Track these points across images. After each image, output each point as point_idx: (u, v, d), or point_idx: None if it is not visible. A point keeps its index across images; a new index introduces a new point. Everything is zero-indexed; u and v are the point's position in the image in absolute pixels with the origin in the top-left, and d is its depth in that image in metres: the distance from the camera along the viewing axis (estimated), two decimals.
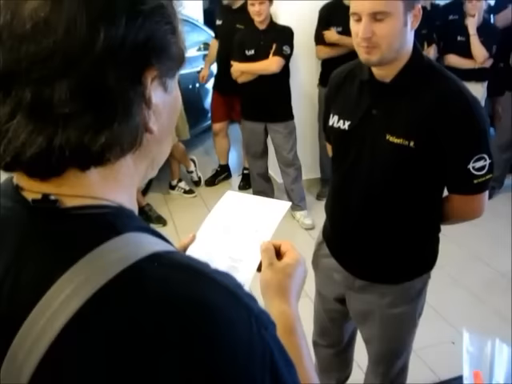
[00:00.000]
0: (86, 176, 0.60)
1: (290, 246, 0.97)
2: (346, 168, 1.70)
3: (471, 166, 1.50)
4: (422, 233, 1.70)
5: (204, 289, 0.57)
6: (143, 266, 0.56)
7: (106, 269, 0.55)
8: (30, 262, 0.59)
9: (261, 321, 0.59)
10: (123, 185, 0.65)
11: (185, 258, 0.63)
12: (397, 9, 1.43)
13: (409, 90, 1.54)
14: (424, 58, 1.58)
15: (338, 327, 2.05)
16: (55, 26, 0.52)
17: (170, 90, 0.65)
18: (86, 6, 0.53)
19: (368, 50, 1.47)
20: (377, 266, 1.73)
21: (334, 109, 1.73)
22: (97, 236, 0.58)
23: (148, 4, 0.57)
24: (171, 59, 0.62)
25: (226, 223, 1.05)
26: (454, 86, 1.52)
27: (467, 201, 1.60)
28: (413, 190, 1.60)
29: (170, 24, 0.61)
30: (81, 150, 0.56)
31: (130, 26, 0.55)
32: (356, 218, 1.70)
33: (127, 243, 0.58)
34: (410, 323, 1.83)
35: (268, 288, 0.91)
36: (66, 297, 0.54)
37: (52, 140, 0.55)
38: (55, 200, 0.59)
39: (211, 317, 0.55)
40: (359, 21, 1.47)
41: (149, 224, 2.77)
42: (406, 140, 1.50)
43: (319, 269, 1.97)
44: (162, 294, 0.55)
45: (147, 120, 0.61)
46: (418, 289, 1.76)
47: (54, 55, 0.52)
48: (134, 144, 0.61)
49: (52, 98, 0.53)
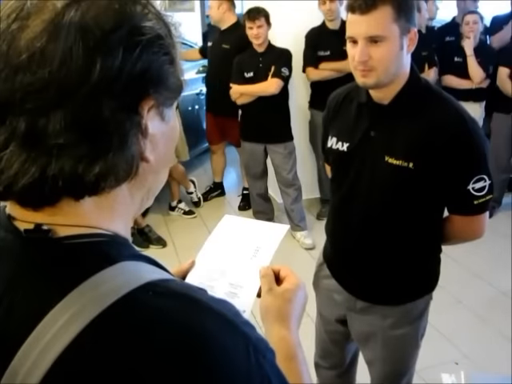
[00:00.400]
0: (80, 205, 0.59)
1: (290, 271, 0.96)
2: (345, 189, 1.70)
3: (471, 186, 1.50)
4: (422, 253, 1.70)
5: (200, 317, 0.56)
6: (137, 295, 0.55)
7: (99, 299, 0.54)
8: (23, 293, 0.58)
9: (259, 349, 0.58)
10: (118, 214, 0.64)
11: (181, 286, 0.62)
12: (392, 33, 1.45)
13: (407, 111, 1.55)
14: (421, 80, 1.59)
15: (339, 349, 2.04)
16: (51, 56, 0.52)
17: (168, 119, 0.64)
18: (82, 37, 0.53)
19: (364, 73, 1.49)
20: (378, 288, 1.73)
21: (332, 131, 1.74)
22: (90, 266, 0.57)
23: (146, 35, 0.57)
24: (168, 89, 0.62)
25: (225, 248, 1.04)
26: (451, 107, 1.53)
27: (468, 221, 1.61)
28: (412, 211, 1.60)
29: (168, 54, 0.61)
30: (74, 180, 0.55)
31: (127, 57, 0.55)
32: (356, 239, 1.70)
33: (121, 272, 0.57)
34: (412, 344, 1.81)
35: (268, 314, 0.91)
36: (59, 329, 0.53)
37: (45, 170, 0.54)
38: (48, 230, 0.58)
39: (207, 346, 0.54)
40: (355, 44, 1.49)
41: (148, 245, 2.79)
42: (405, 161, 1.51)
43: (320, 290, 1.96)
44: (157, 324, 0.54)
45: (143, 149, 0.60)
46: (420, 310, 1.75)
47: (49, 86, 0.52)
48: (130, 173, 0.60)
49: (46, 129, 0.53)
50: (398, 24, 1.45)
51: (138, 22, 0.57)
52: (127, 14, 0.57)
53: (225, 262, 1.01)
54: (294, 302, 0.91)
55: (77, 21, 0.53)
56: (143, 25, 0.57)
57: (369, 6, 1.42)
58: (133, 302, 0.55)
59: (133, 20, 0.57)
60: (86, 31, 0.53)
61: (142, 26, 0.57)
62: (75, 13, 0.54)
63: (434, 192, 1.56)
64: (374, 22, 1.44)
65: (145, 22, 0.58)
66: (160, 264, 0.65)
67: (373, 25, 1.44)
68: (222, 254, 1.03)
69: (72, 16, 0.53)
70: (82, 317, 0.53)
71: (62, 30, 0.53)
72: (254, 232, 1.06)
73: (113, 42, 0.54)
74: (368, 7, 1.42)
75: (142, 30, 0.57)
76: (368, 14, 1.43)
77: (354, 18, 1.47)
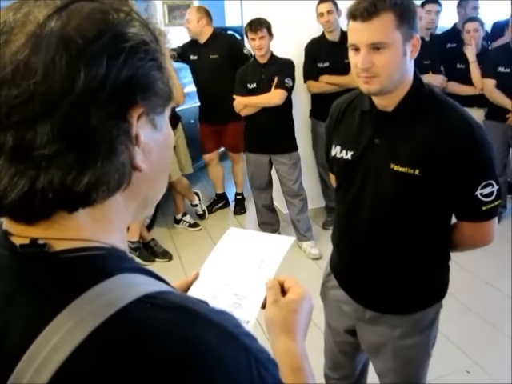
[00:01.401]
0: (74, 218, 0.59)
1: (294, 281, 0.96)
2: (350, 198, 1.69)
3: (479, 192, 1.49)
4: (431, 261, 1.68)
5: (199, 329, 0.55)
6: (135, 308, 0.54)
7: (96, 313, 0.53)
8: (20, 309, 0.57)
9: (260, 361, 0.57)
10: (114, 225, 0.63)
11: (179, 298, 0.61)
12: (395, 39, 1.44)
13: (411, 118, 1.54)
14: (425, 87, 1.58)
15: (349, 359, 2.01)
16: (35, 68, 0.52)
17: (160, 127, 0.64)
18: (64, 47, 0.53)
19: (367, 79, 1.48)
20: (387, 297, 1.71)
21: (335, 139, 1.73)
22: (86, 280, 0.56)
23: (130, 41, 0.57)
24: (157, 96, 0.61)
25: (230, 259, 1.04)
26: (457, 113, 1.52)
27: (476, 228, 1.59)
28: (420, 219, 1.59)
29: (155, 60, 0.60)
30: (64, 192, 0.55)
31: (112, 65, 0.55)
32: (363, 248, 1.68)
33: (118, 285, 0.57)
34: (423, 354, 1.79)
35: (273, 325, 0.90)
36: (55, 344, 0.52)
37: (34, 183, 0.54)
38: (43, 244, 0.58)
39: (206, 358, 0.53)
40: (358, 51, 1.48)
41: (154, 259, 2.78)
42: (411, 168, 1.50)
43: (328, 301, 1.94)
44: (154, 337, 0.53)
45: (134, 158, 0.59)
46: (430, 319, 1.72)
47: (34, 98, 0.52)
48: (122, 183, 0.59)
49: (34, 141, 0.53)
50: (401, 30, 1.44)
51: (122, 29, 0.57)
52: (110, 22, 0.57)
53: (229, 273, 1.01)
54: (299, 313, 0.91)
55: (58, 31, 0.53)
56: (127, 31, 0.57)
57: (370, 13, 1.42)
58: (130, 315, 0.54)
59: (116, 27, 0.57)
60: (68, 41, 0.53)
61: (126, 33, 0.57)
62: (56, 23, 0.54)
63: (441, 199, 1.54)
64: (376, 29, 1.43)
65: (128, 28, 0.58)
66: (160, 276, 0.64)
67: (375, 32, 1.43)
68: (226, 265, 1.03)
69: (53, 27, 0.53)
70: (78, 331, 0.52)
71: (44, 41, 0.52)
72: (259, 244, 1.06)
73: (96, 51, 0.54)
74: (370, 14, 1.42)
75: (126, 36, 0.57)
76: (370, 21, 1.43)
77: (356, 25, 1.46)
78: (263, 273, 0.98)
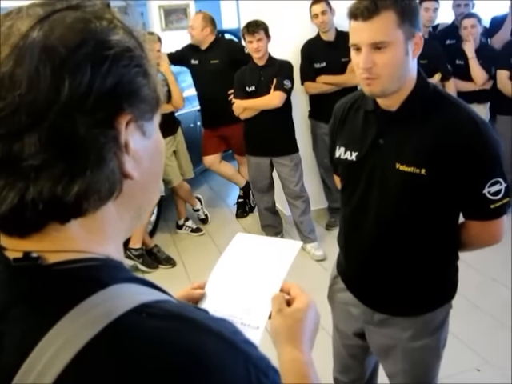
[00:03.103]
0: (67, 229, 0.58)
1: (300, 290, 0.95)
2: (356, 199, 1.67)
3: (487, 190, 1.47)
4: (439, 261, 1.66)
5: (195, 337, 0.55)
6: (130, 318, 0.54)
7: (91, 324, 0.53)
8: (14, 323, 0.57)
9: (260, 368, 0.57)
10: (108, 235, 0.63)
11: (176, 306, 0.60)
12: (397, 38, 1.42)
13: (416, 117, 1.52)
14: (429, 85, 1.56)
15: (359, 363, 1.99)
16: (19, 79, 0.52)
17: (149, 134, 0.63)
18: (47, 57, 0.53)
19: (369, 81, 1.46)
20: (395, 299, 1.69)
21: (339, 140, 1.72)
22: (81, 291, 0.56)
23: (113, 48, 0.57)
24: (144, 102, 0.60)
25: (238, 266, 1.04)
26: (463, 110, 1.51)
27: (485, 226, 1.57)
28: (427, 219, 1.57)
29: (140, 67, 0.59)
30: (55, 203, 0.54)
31: (96, 73, 0.54)
32: (370, 249, 1.66)
33: (113, 295, 0.56)
34: (434, 356, 1.77)
35: (278, 335, 0.90)
36: (51, 357, 0.52)
37: (24, 195, 0.53)
38: (37, 257, 0.57)
39: (205, 366, 0.53)
40: (359, 51, 1.46)
41: (158, 266, 2.78)
42: (417, 168, 1.48)
43: (335, 304, 1.92)
44: (150, 347, 0.53)
45: (124, 165, 0.59)
46: (440, 319, 1.70)
47: (19, 109, 0.52)
48: (113, 191, 0.59)
49: (22, 152, 0.52)
50: (403, 29, 1.42)
51: (105, 37, 0.57)
52: (92, 30, 0.57)
53: (238, 279, 1.01)
54: (304, 322, 0.90)
55: (40, 41, 0.53)
56: (110, 39, 0.57)
57: (371, 12, 1.40)
58: (125, 325, 0.54)
59: (98, 35, 0.57)
60: (51, 51, 0.53)
61: (109, 40, 0.57)
62: (38, 33, 0.54)
63: (448, 198, 1.52)
64: (377, 28, 1.41)
65: (112, 35, 0.58)
66: (156, 286, 0.63)
67: (376, 31, 1.41)
68: (235, 271, 1.03)
69: (35, 37, 0.53)
70: (73, 343, 0.52)
71: (27, 52, 0.52)
72: (267, 249, 1.06)
73: (79, 59, 0.54)
74: (370, 13, 1.40)
75: (109, 43, 0.57)
76: (371, 20, 1.41)
77: (357, 24, 1.44)
78: (272, 278, 0.98)
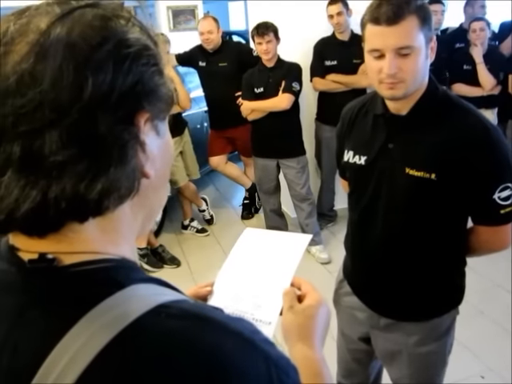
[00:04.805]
0: (84, 230, 0.58)
1: (311, 286, 0.95)
2: (364, 203, 1.66)
3: (497, 196, 1.46)
4: (447, 267, 1.65)
5: (215, 337, 0.54)
6: (149, 318, 0.54)
7: (109, 326, 0.52)
8: (30, 326, 0.56)
9: (281, 367, 0.56)
10: (123, 236, 0.63)
11: (194, 306, 0.60)
12: (420, 42, 1.41)
13: (426, 121, 1.51)
14: (439, 89, 1.55)
15: (363, 367, 1.99)
16: (41, 76, 0.52)
17: (162, 133, 0.64)
18: (71, 54, 0.53)
19: (392, 85, 1.44)
20: (402, 304, 1.68)
21: (348, 144, 1.71)
22: (98, 293, 0.55)
23: (133, 47, 0.57)
24: (161, 101, 0.61)
25: (248, 261, 1.04)
26: (473, 115, 1.50)
27: (494, 232, 1.56)
28: (435, 224, 1.56)
29: (157, 65, 0.60)
30: (77, 200, 0.54)
31: (118, 71, 0.55)
32: (378, 254, 1.65)
33: (131, 296, 0.56)
34: (439, 362, 1.76)
35: (290, 332, 0.89)
36: (69, 360, 0.51)
37: (46, 193, 0.53)
38: (53, 259, 0.57)
39: (226, 367, 0.52)
40: (380, 58, 1.43)
41: (163, 265, 2.79)
42: (426, 173, 1.47)
43: (341, 308, 1.91)
44: (171, 347, 0.52)
45: (143, 164, 0.59)
46: (447, 325, 1.70)
47: (42, 106, 0.51)
48: (132, 189, 0.59)
49: (43, 150, 0.52)
50: (423, 33, 1.41)
51: (124, 35, 0.57)
52: (112, 28, 0.57)
53: (248, 274, 1.01)
54: (316, 319, 0.90)
55: (63, 38, 0.53)
56: (129, 37, 0.57)
57: (397, 16, 1.37)
58: (145, 326, 0.53)
59: (119, 33, 0.57)
60: (74, 47, 0.53)
61: (128, 39, 0.57)
62: (61, 30, 0.54)
63: (457, 203, 1.52)
64: (402, 33, 1.39)
65: (130, 34, 0.58)
66: (172, 285, 0.63)
67: (401, 36, 1.39)
68: (245, 266, 1.03)
69: (58, 34, 0.53)
70: (92, 346, 0.51)
71: (50, 49, 0.52)
72: (277, 243, 1.06)
73: (102, 57, 0.54)
74: (396, 18, 1.37)
75: (129, 42, 0.57)
76: (396, 25, 1.38)
77: (379, 29, 1.41)
78: (282, 272, 0.98)
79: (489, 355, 2.88)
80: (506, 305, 3.38)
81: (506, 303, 3.40)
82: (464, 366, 2.76)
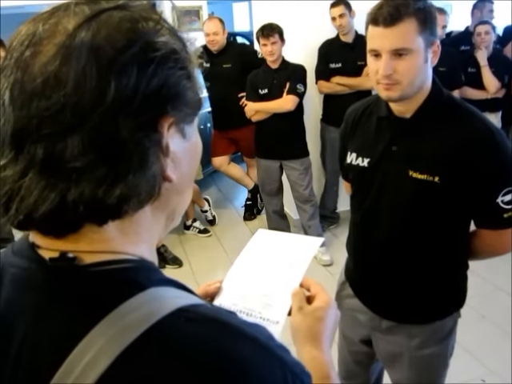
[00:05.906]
0: (103, 230, 0.58)
1: (320, 288, 0.95)
2: (367, 206, 1.66)
3: (500, 199, 1.46)
4: (449, 270, 1.65)
5: (233, 343, 0.54)
6: (168, 323, 0.53)
7: (129, 328, 0.52)
8: (50, 325, 0.56)
9: (296, 373, 0.56)
10: (143, 237, 0.62)
11: (211, 310, 0.60)
12: (418, 45, 1.41)
13: (430, 125, 1.51)
14: (444, 93, 1.56)
15: (364, 370, 1.99)
16: (65, 79, 0.51)
17: (189, 136, 0.62)
18: (95, 57, 0.52)
19: (388, 86, 1.45)
20: (404, 306, 1.68)
21: (351, 146, 1.71)
22: (119, 293, 0.55)
23: (160, 50, 0.56)
24: (187, 105, 0.60)
25: (258, 261, 1.04)
26: (477, 119, 1.50)
27: (497, 236, 1.56)
28: (438, 226, 1.56)
29: (185, 69, 0.59)
30: (95, 205, 0.54)
31: (142, 75, 0.54)
32: (380, 256, 1.65)
33: (151, 299, 0.56)
34: (441, 365, 1.76)
35: (298, 333, 0.89)
36: (89, 362, 0.51)
37: (65, 195, 0.53)
38: (73, 258, 0.57)
39: (243, 373, 0.52)
40: (378, 57, 1.45)
41: (164, 265, 2.79)
42: (430, 176, 1.47)
43: (342, 310, 1.91)
44: (190, 353, 0.52)
45: (165, 168, 0.58)
46: (448, 328, 1.70)
47: (64, 109, 0.51)
48: (152, 194, 0.58)
49: (64, 153, 0.52)
50: (423, 36, 1.41)
51: (152, 38, 0.56)
52: (139, 31, 0.56)
53: (258, 274, 1.01)
54: (325, 321, 0.89)
55: (88, 41, 0.53)
56: (157, 40, 0.56)
57: (394, 18, 1.38)
58: (165, 330, 0.53)
59: (145, 36, 0.56)
60: (98, 51, 0.53)
61: (156, 42, 0.56)
62: (86, 33, 0.53)
63: (461, 206, 1.52)
64: (399, 35, 1.40)
65: (158, 37, 0.57)
66: (188, 288, 0.63)
67: (398, 37, 1.40)
68: (255, 266, 1.03)
69: (83, 37, 0.53)
70: (112, 348, 0.51)
71: (74, 52, 0.52)
72: (288, 245, 1.06)
73: (126, 60, 0.53)
74: (393, 19, 1.39)
75: (156, 45, 0.56)
76: (393, 27, 1.40)
77: (377, 30, 1.43)
78: (292, 273, 0.98)
79: (490, 358, 2.88)
80: (506, 308, 3.38)
81: (507, 306, 3.39)
82: (465, 369, 2.76)
